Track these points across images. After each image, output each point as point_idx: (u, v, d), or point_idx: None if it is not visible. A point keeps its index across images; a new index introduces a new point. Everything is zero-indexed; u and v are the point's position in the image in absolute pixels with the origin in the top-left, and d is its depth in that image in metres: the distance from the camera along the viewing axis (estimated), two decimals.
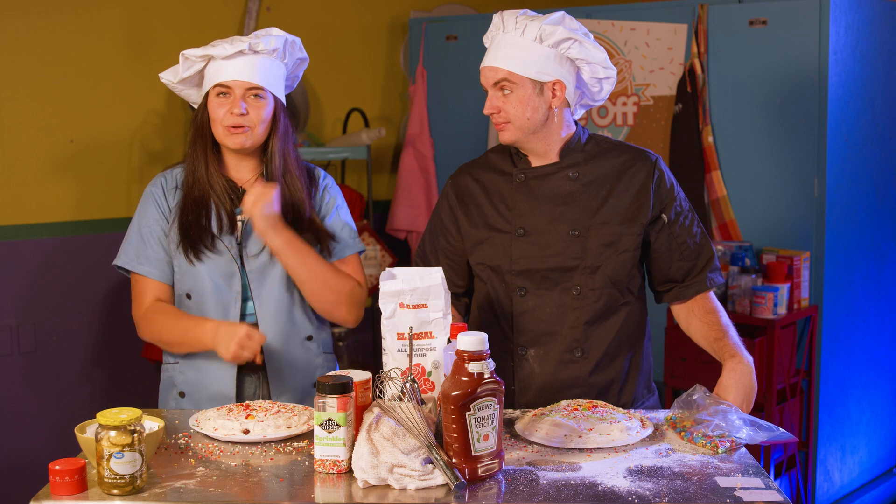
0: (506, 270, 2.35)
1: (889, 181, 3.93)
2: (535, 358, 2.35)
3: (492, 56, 2.31)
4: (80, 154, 3.95)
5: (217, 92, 2.35)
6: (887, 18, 3.83)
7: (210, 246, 2.37)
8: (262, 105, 2.36)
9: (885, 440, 4.08)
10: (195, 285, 2.38)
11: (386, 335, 2.01)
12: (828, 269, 3.63)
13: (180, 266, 2.39)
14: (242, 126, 2.34)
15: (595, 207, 2.33)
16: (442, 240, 2.46)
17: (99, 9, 3.95)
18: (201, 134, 2.40)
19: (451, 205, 2.45)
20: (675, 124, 3.85)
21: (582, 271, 2.32)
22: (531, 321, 2.34)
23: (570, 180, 2.34)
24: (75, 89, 3.92)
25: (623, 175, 2.35)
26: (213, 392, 2.40)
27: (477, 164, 2.48)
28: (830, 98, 3.55)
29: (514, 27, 2.30)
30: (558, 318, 2.33)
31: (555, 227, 2.33)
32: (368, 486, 1.76)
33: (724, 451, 1.93)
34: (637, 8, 4.03)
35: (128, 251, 2.43)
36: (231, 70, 2.33)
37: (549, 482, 1.79)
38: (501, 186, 2.39)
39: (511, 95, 2.28)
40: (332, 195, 2.52)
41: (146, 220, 2.42)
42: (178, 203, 2.41)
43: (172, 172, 2.47)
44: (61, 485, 1.73)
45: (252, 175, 2.45)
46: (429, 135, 4.68)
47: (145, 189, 2.47)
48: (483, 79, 2.33)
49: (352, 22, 4.76)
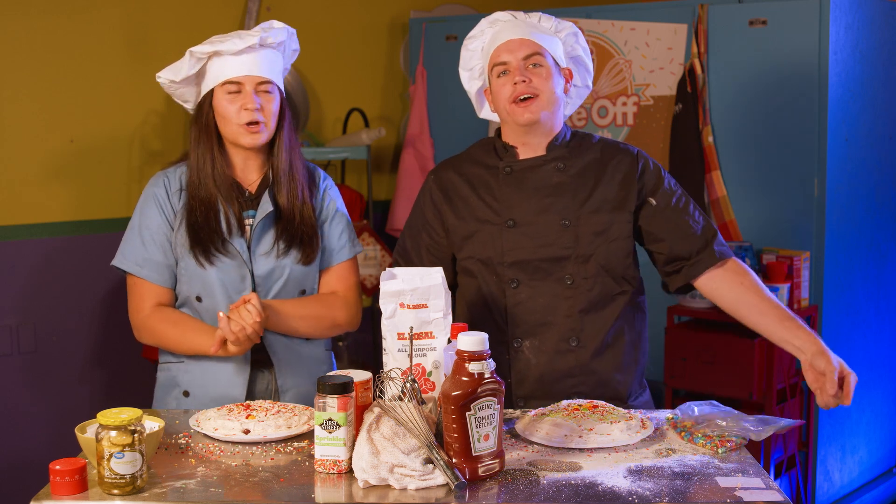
0: (497, 263, 2.34)
1: (889, 181, 3.93)
2: (531, 349, 2.34)
3: (517, 31, 2.33)
4: (80, 154, 3.95)
5: (228, 89, 2.32)
6: (887, 18, 3.83)
7: (221, 249, 2.34)
8: (272, 99, 2.35)
9: (885, 440, 4.08)
10: (206, 288, 2.36)
11: (386, 335, 2.01)
12: (828, 269, 3.63)
13: (188, 269, 2.36)
14: (259, 122, 2.32)
15: (584, 197, 2.34)
16: (425, 236, 2.45)
17: (99, 9, 3.95)
18: (207, 133, 2.36)
19: (435, 200, 2.43)
20: (675, 124, 3.85)
21: (574, 260, 2.31)
22: (525, 312, 2.33)
23: (557, 171, 2.35)
24: (75, 89, 3.92)
25: (607, 165, 2.37)
26: (222, 393, 2.37)
27: (459, 159, 2.47)
28: (830, 98, 3.55)
29: (526, 17, 2.37)
30: (552, 308, 2.32)
31: (544, 217, 2.33)
32: (369, 486, 1.76)
33: (724, 451, 1.93)
34: (637, 8, 4.03)
35: (128, 253, 2.38)
36: (241, 65, 2.31)
37: (549, 482, 1.79)
38: (488, 179, 2.39)
39: (540, 69, 2.31)
40: (332, 197, 2.51)
41: (148, 223, 2.38)
42: (184, 205, 2.37)
43: (175, 173, 2.41)
44: (61, 485, 1.73)
45: (257, 174, 2.42)
46: (429, 135, 4.68)
47: (146, 189, 2.42)
48: (506, 53, 2.32)
49: (352, 22, 4.76)
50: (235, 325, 2.20)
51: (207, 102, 2.36)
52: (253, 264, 2.37)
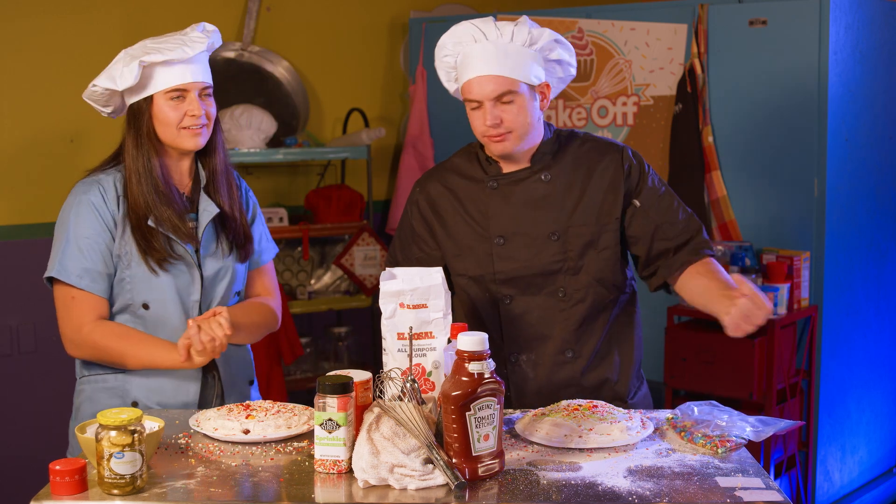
0: (489, 280, 2.33)
1: (889, 181, 3.93)
2: (528, 363, 2.34)
3: (483, 65, 2.22)
4: (80, 154, 3.95)
5: (171, 95, 2.27)
6: (887, 18, 3.83)
7: (173, 253, 2.30)
8: (212, 103, 2.34)
9: (885, 440, 4.08)
10: (154, 295, 2.30)
11: (386, 335, 2.01)
12: (828, 269, 3.63)
13: (135, 276, 2.29)
14: (203, 126, 2.31)
15: (570, 208, 2.31)
16: (415, 248, 2.42)
17: (99, 9, 3.95)
18: (148, 139, 2.29)
19: (424, 214, 2.40)
20: (675, 124, 3.85)
21: (565, 273, 2.30)
22: (520, 327, 2.33)
23: (542, 183, 2.31)
24: (75, 89, 3.91)
25: (593, 172, 2.32)
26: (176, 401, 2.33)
27: (444, 169, 2.42)
28: (830, 98, 3.55)
29: (498, 35, 2.24)
30: (547, 322, 2.32)
31: (533, 231, 2.31)
32: (368, 486, 1.76)
33: (724, 451, 1.93)
34: (637, 8, 4.03)
35: (67, 264, 2.26)
36: (185, 72, 2.27)
37: (549, 482, 1.79)
38: (474, 194, 2.35)
39: (512, 105, 2.22)
40: (253, 200, 2.53)
41: (84, 232, 2.26)
42: (125, 213, 2.29)
43: (108, 179, 2.31)
44: (61, 485, 1.73)
45: (189, 177, 2.39)
46: (429, 135, 4.68)
47: (75, 196, 2.30)
48: (477, 91, 2.23)
49: (352, 22, 4.76)
50: (205, 336, 2.17)
51: (146, 108, 2.29)
52: (202, 266, 2.36)
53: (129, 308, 2.31)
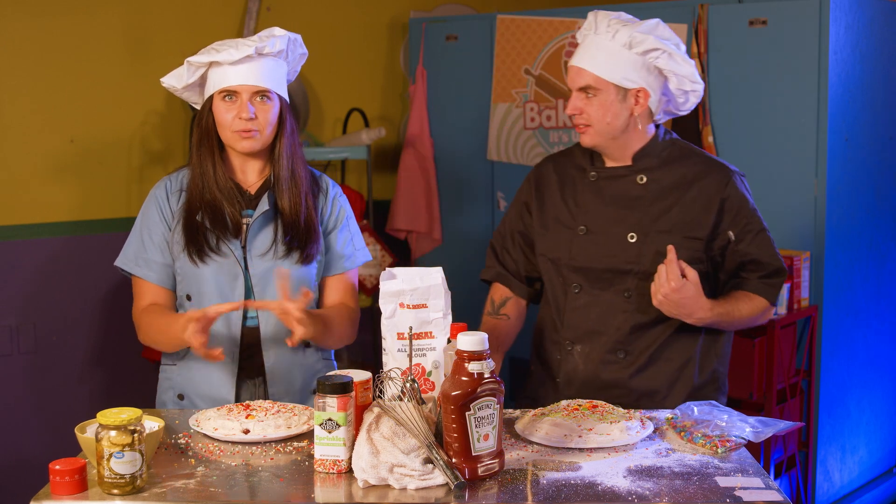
0: (564, 264, 2.40)
1: (889, 181, 3.93)
2: (580, 354, 2.38)
3: (579, 56, 2.35)
4: (80, 154, 3.95)
5: (223, 96, 2.35)
6: (887, 18, 3.83)
7: (215, 248, 2.36)
8: (269, 107, 2.36)
9: (885, 440, 4.08)
10: (197, 287, 2.37)
11: (386, 335, 2.01)
12: (828, 269, 3.63)
13: (183, 268, 2.38)
14: (251, 130, 2.34)
15: (657, 214, 2.34)
16: (519, 222, 2.54)
17: (99, 10, 3.95)
18: (207, 137, 2.39)
19: (531, 188, 2.52)
20: (675, 124, 3.85)
21: (635, 276, 2.33)
22: (580, 318, 2.38)
23: (638, 185, 2.36)
24: (75, 89, 3.92)
25: (693, 185, 2.35)
26: (212, 396, 2.39)
27: (562, 154, 2.54)
28: (830, 98, 3.55)
29: (605, 29, 2.32)
30: (606, 319, 2.35)
31: (615, 228, 2.36)
32: (368, 485, 1.77)
33: (724, 451, 1.93)
34: (637, 8, 4.02)
35: (128, 253, 2.44)
36: (237, 74, 2.33)
37: (549, 482, 1.79)
38: (576, 181, 2.44)
39: (594, 99, 2.31)
40: (341, 205, 2.52)
41: (147, 223, 2.42)
42: (182, 206, 2.40)
43: (178, 175, 2.46)
44: (61, 485, 1.73)
45: (258, 177, 2.44)
46: (429, 135, 4.68)
47: (151, 190, 2.47)
48: (569, 79, 2.37)
49: (352, 22, 4.76)
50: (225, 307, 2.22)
51: (208, 107, 2.39)
52: (248, 264, 2.38)
53: (181, 299, 2.42)
